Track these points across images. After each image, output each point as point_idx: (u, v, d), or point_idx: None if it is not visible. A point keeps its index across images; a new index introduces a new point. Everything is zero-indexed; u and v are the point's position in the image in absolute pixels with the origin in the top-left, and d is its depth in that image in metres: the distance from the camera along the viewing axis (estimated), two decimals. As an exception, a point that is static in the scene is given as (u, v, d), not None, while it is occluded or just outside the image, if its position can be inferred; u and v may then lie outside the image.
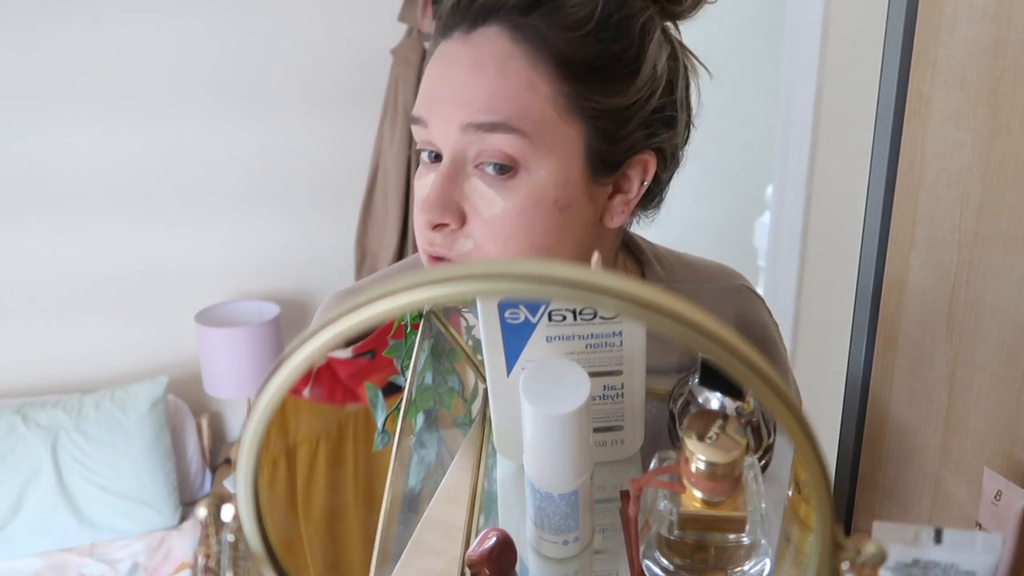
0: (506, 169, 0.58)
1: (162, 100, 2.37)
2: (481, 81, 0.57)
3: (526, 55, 0.57)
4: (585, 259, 0.64)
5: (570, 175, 0.60)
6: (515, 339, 0.53)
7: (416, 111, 0.61)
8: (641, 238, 0.79)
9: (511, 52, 0.57)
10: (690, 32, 0.75)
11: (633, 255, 0.78)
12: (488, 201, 0.58)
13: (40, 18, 2.23)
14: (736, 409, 0.54)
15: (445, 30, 0.60)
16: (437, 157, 0.61)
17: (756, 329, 0.80)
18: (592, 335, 0.54)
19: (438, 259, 0.62)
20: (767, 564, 0.47)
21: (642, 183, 0.65)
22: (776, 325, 0.83)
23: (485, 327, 0.53)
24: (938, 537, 0.43)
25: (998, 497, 0.63)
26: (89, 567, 2.14)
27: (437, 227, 0.60)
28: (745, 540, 0.45)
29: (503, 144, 0.57)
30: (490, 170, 0.58)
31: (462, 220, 0.59)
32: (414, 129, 0.62)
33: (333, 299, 0.79)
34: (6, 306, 2.41)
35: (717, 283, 0.80)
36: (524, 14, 0.57)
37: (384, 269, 0.83)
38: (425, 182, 0.61)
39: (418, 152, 0.62)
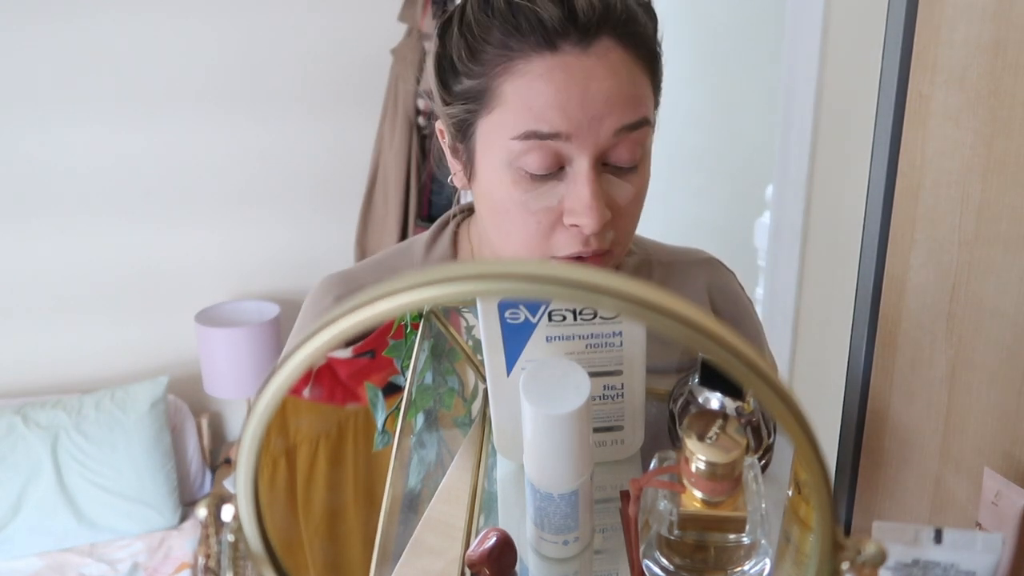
0: (631, 164, 0.64)
1: (162, 100, 2.37)
2: (623, 87, 0.62)
3: (636, 61, 0.63)
4: None
5: (650, 157, 0.67)
6: (515, 339, 0.53)
7: (550, 127, 0.60)
8: None
9: (626, 59, 0.62)
10: (690, 32, 0.76)
11: None
12: (622, 190, 0.64)
13: (40, 18, 2.23)
14: (736, 409, 0.54)
15: (542, 42, 0.60)
16: (546, 164, 0.62)
17: (730, 297, 0.83)
18: (592, 335, 0.54)
19: (586, 259, 0.64)
20: (767, 564, 0.47)
21: None
22: (749, 299, 0.86)
23: (485, 327, 0.53)
24: (938, 537, 0.43)
25: (998, 497, 0.63)
26: (89, 567, 2.14)
27: (606, 225, 0.63)
28: (745, 540, 0.45)
29: (640, 137, 0.63)
30: (618, 166, 0.63)
31: (611, 215, 0.64)
32: (531, 144, 0.61)
33: (323, 284, 0.79)
34: (6, 306, 2.41)
35: (688, 258, 0.84)
36: (626, 26, 0.63)
37: (380, 253, 0.82)
38: (546, 189, 0.62)
39: (518, 167, 0.62)
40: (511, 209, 0.64)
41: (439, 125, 0.71)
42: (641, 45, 0.64)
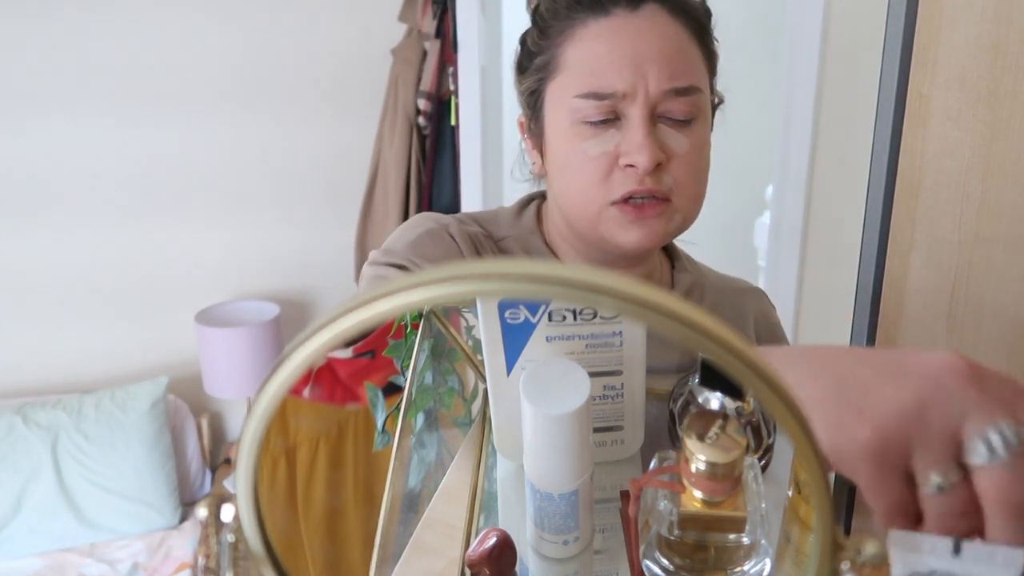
0: (683, 120, 0.68)
1: (162, 100, 2.37)
2: (670, 48, 0.67)
3: (684, 28, 0.69)
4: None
5: (709, 120, 0.72)
6: (515, 339, 0.53)
7: (607, 87, 0.67)
8: None
9: (675, 25, 0.68)
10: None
11: (665, 248, 0.86)
12: (678, 141, 0.69)
13: (40, 18, 2.23)
14: (736, 409, 0.54)
15: (596, 7, 0.68)
16: (602, 121, 0.68)
17: (771, 328, 0.87)
18: (592, 335, 0.54)
19: (640, 200, 0.69)
20: (767, 564, 0.47)
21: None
22: (784, 333, 0.90)
23: (485, 327, 0.53)
24: (957, 548, 0.43)
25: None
26: (89, 567, 2.14)
27: (657, 167, 0.68)
28: (745, 540, 0.45)
29: (691, 103, 0.68)
30: (673, 119, 0.68)
31: (667, 159, 0.69)
32: (591, 103, 0.67)
33: (417, 218, 0.80)
34: (6, 306, 2.41)
35: (738, 286, 0.87)
36: None
37: (470, 211, 0.85)
38: (606, 137, 0.68)
39: (579, 120, 0.68)
40: (573, 160, 0.70)
41: (519, 119, 0.78)
42: (687, 14, 0.69)
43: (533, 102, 0.74)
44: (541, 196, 0.84)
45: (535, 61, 0.72)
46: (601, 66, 0.67)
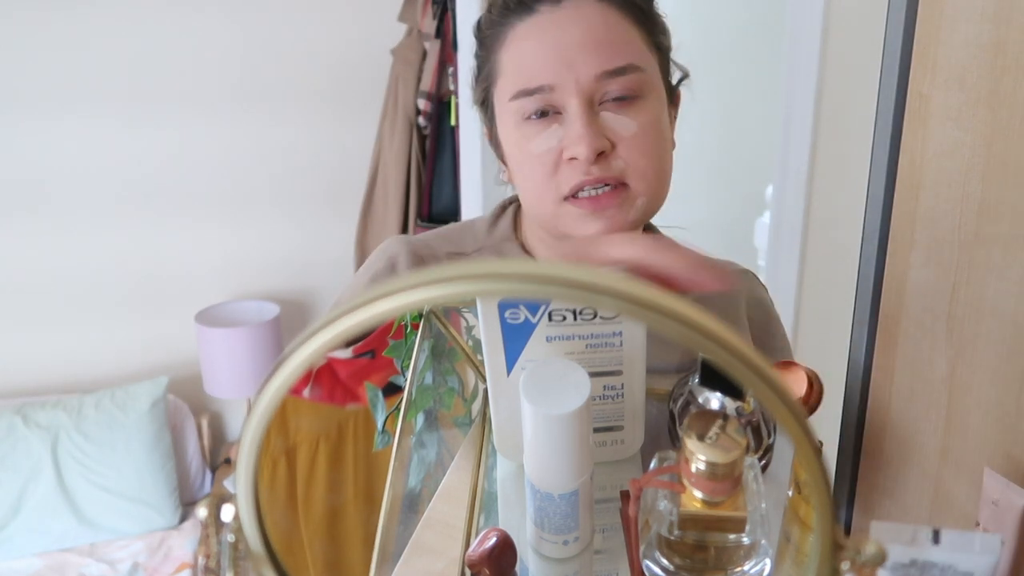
0: (625, 98, 0.67)
1: (162, 100, 2.37)
2: (597, 34, 0.66)
3: (615, 10, 0.68)
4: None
5: (662, 99, 0.71)
6: (515, 339, 0.53)
7: (534, 82, 0.67)
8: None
9: (603, 9, 0.67)
10: (691, 32, 0.77)
11: (648, 231, 0.84)
12: (624, 124, 0.67)
13: (41, 18, 2.23)
14: (736, 409, 0.54)
15: (522, 9, 0.68)
16: (543, 114, 0.68)
17: (766, 307, 0.86)
18: (592, 335, 0.54)
19: (595, 191, 0.67)
20: (767, 564, 0.47)
21: (676, 116, 0.76)
22: (777, 314, 0.89)
23: (485, 327, 0.53)
24: (936, 538, 0.43)
25: (998, 497, 0.63)
26: (89, 567, 2.14)
27: (600, 156, 0.67)
28: (745, 540, 0.45)
29: (629, 82, 0.67)
30: (613, 102, 0.67)
31: (612, 145, 0.67)
32: (524, 102, 0.68)
33: (385, 244, 0.81)
34: (6, 306, 2.41)
35: (727, 268, 0.85)
36: None
37: (443, 227, 0.85)
38: (548, 134, 0.68)
39: (528, 117, 0.68)
40: (523, 161, 0.70)
41: (483, 131, 0.79)
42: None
43: (487, 112, 0.75)
44: (519, 200, 0.84)
45: (481, 72, 0.74)
46: (527, 63, 0.67)
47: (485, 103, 0.75)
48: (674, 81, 0.75)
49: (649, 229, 0.84)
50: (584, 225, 0.69)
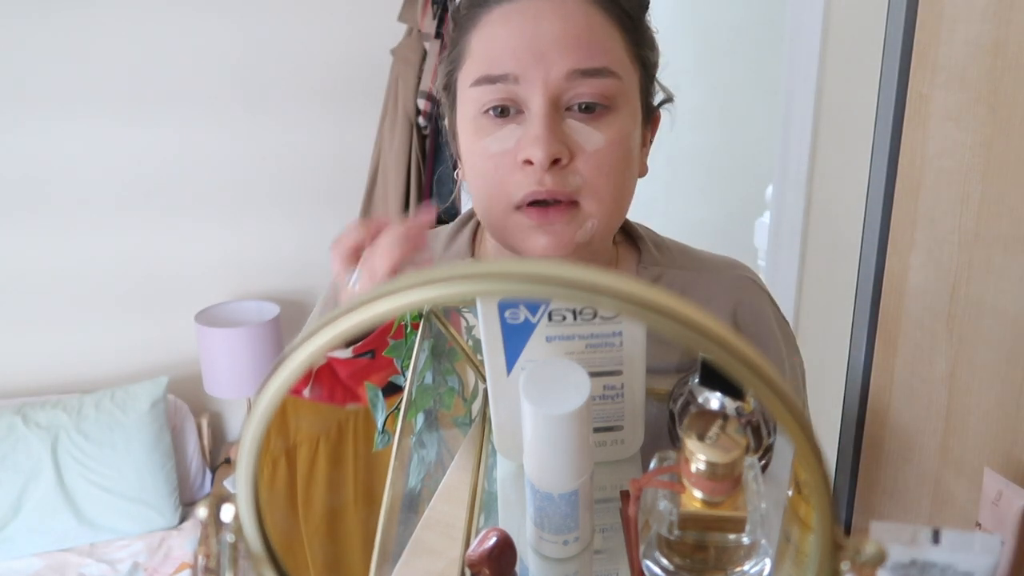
0: (595, 108, 0.62)
1: (162, 100, 2.37)
2: (576, 30, 0.61)
3: (600, 9, 0.62)
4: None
5: (636, 117, 0.65)
6: (515, 339, 0.53)
7: (499, 69, 0.61)
8: (643, 226, 0.79)
9: (587, 6, 0.62)
10: (690, 32, 0.76)
11: (630, 238, 0.78)
12: (588, 136, 0.62)
13: (40, 18, 2.23)
14: (736, 409, 0.54)
15: None
16: (503, 112, 0.63)
17: (752, 319, 0.77)
18: (592, 335, 0.54)
19: (544, 203, 0.63)
20: (767, 564, 0.47)
21: (652, 140, 0.71)
22: (781, 319, 0.79)
23: (485, 327, 0.53)
24: (936, 538, 0.43)
25: (998, 497, 0.63)
26: (89, 567, 2.14)
27: (555, 163, 0.61)
28: (745, 540, 0.45)
29: (603, 87, 0.61)
30: (581, 110, 0.62)
31: (571, 155, 0.62)
32: (485, 89, 0.62)
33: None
34: (6, 306, 2.41)
35: (720, 273, 0.78)
36: None
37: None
38: (505, 133, 0.63)
39: (487, 111, 0.63)
40: (476, 159, 0.64)
41: (444, 122, 0.73)
42: None
43: (448, 99, 0.69)
44: None
45: (450, 55, 0.67)
46: (496, 49, 0.62)
47: (448, 87, 0.68)
48: (656, 102, 0.70)
49: (635, 237, 0.79)
50: (530, 238, 0.64)
